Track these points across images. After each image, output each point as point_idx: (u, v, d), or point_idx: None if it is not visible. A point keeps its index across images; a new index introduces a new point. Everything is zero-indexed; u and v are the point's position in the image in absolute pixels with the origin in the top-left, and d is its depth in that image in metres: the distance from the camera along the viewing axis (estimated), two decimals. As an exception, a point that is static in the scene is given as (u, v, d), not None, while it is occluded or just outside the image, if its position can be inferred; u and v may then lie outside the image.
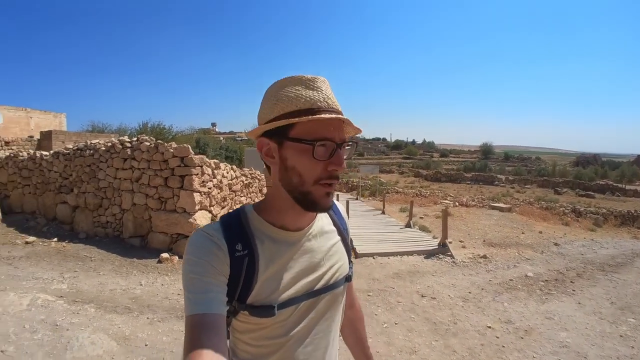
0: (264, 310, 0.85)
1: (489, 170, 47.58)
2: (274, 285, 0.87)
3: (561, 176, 41.25)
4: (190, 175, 6.71)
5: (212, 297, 0.77)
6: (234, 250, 0.84)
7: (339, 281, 0.97)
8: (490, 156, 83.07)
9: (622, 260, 8.33)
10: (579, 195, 27.63)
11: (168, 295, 4.92)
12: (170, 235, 6.81)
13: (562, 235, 11.15)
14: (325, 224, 1.01)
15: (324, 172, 0.83)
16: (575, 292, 5.78)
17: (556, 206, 16.24)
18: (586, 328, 4.44)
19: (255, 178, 10.49)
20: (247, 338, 0.91)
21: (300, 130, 0.82)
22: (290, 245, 0.91)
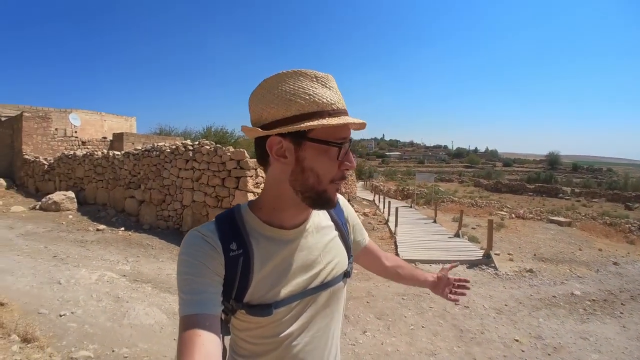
0: (260, 309, 0.86)
1: (555, 182, 45.15)
2: (270, 284, 0.87)
3: (634, 190, 38.23)
4: (245, 177, 7.22)
5: (206, 297, 0.78)
6: (229, 249, 0.84)
7: (337, 277, 0.97)
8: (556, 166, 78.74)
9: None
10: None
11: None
12: (225, 232, 7.37)
13: (624, 255, 10.50)
14: (322, 220, 1.01)
15: (338, 172, 0.85)
16: (622, 315, 5.56)
17: (622, 222, 15.26)
18: (623, 353, 4.29)
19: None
20: (246, 336, 0.92)
21: (320, 131, 0.82)
22: (286, 243, 0.91)
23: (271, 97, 0.83)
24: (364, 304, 5.24)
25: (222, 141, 17.59)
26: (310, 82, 0.83)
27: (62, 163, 11.42)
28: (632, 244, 12.56)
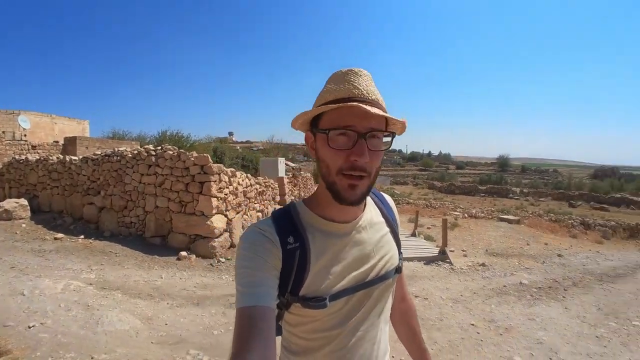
0: (316, 302, 0.87)
1: (505, 183, 47.25)
2: (326, 276, 0.89)
3: (577, 189, 40.80)
4: (209, 182, 7.30)
5: (263, 290, 0.79)
6: (286, 242, 0.87)
7: (389, 272, 0.99)
8: (506, 168, 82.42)
9: (622, 272, 8.51)
10: (593, 208, 27.42)
11: (186, 287, 5.46)
12: (188, 235, 7.39)
13: (567, 247, 11.35)
14: (374, 216, 1.02)
15: (345, 162, 0.83)
16: (565, 298, 6.10)
17: (565, 219, 16.36)
18: (565, 329, 4.79)
19: (268, 186, 11.00)
20: (299, 331, 0.94)
21: (325, 121, 0.85)
22: (341, 237, 0.93)
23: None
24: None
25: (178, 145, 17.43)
26: (332, 79, 0.89)
27: (12, 168, 10.89)
28: (574, 238, 13.52)
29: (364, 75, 0.87)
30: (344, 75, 0.86)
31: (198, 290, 5.37)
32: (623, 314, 5.55)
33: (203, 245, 7.16)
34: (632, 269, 8.89)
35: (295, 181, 16.24)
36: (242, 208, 8.60)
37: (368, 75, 0.88)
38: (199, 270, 6.38)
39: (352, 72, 0.87)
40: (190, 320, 4.31)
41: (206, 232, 7.21)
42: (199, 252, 7.13)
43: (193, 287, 5.46)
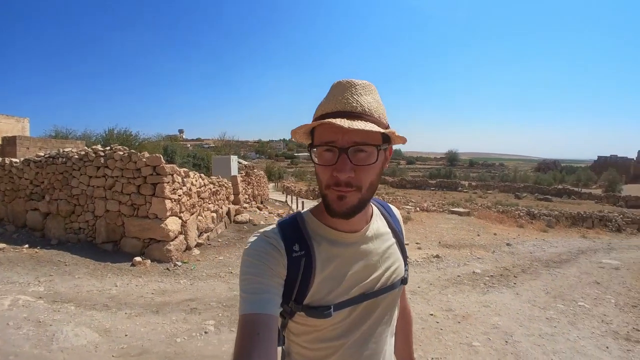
0: (320, 311, 0.86)
1: (454, 177, 49.21)
2: (331, 286, 0.88)
3: (522, 181, 43.25)
4: (162, 183, 7.07)
5: (267, 297, 0.79)
6: (292, 250, 0.86)
7: (395, 283, 0.98)
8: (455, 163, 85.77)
9: (567, 257, 9.18)
10: (537, 199, 29.16)
11: (142, 294, 5.27)
12: (142, 240, 7.14)
13: (515, 237, 11.97)
14: (380, 226, 1.02)
15: (330, 178, 0.83)
16: (516, 284, 6.47)
17: (512, 210, 17.23)
18: (517, 313, 5.10)
19: (222, 186, 10.82)
20: (302, 341, 0.93)
21: (315, 136, 0.86)
22: (347, 246, 0.92)
23: None
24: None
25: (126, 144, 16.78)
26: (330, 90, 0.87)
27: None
28: (521, 228, 14.28)
29: (355, 86, 0.84)
30: (334, 89, 0.86)
31: (156, 297, 5.20)
32: (569, 296, 5.98)
33: (158, 249, 6.94)
34: (575, 255, 9.61)
35: (248, 179, 16.06)
36: (196, 209, 8.41)
37: (360, 85, 0.85)
38: (155, 275, 6.18)
39: (341, 84, 0.85)
40: (151, 329, 4.16)
41: (160, 235, 6.99)
42: (154, 256, 6.90)
43: (151, 294, 5.29)
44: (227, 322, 4.48)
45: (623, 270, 8.02)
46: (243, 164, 19.62)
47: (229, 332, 4.23)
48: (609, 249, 10.98)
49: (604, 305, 5.67)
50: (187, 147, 37.42)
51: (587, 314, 5.23)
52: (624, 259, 9.38)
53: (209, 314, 4.69)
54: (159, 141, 27.72)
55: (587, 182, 48.15)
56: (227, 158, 16.23)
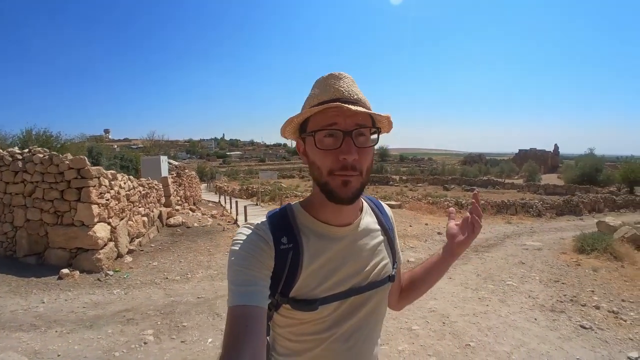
0: (306, 304, 0.87)
1: (385, 172, 50.78)
2: (318, 279, 0.88)
3: (450, 174, 45.67)
4: (87, 187, 6.67)
5: (255, 289, 0.79)
6: (280, 243, 0.86)
7: (382, 280, 0.97)
8: (386, 158, 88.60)
9: (494, 242, 9.87)
10: (464, 190, 30.97)
11: (73, 309, 4.96)
12: (69, 250, 6.69)
13: (445, 226, 12.56)
14: (370, 223, 1.02)
15: (335, 162, 0.83)
16: (448, 269, 6.82)
17: (441, 201, 18.12)
18: (452, 296, 5.44)
19: (152, 188, 10.41)
20: (287, 332, 0.93)
21: (311, 124, 0.86)
22: (336, 241, 0.92)
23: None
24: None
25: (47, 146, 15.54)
26: (314, 85, 0.90)
27: None
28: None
29: (345, 77, 0.88)
30: (326, 80, 0.88)
31: (88, 311, 4.90)
32: (498, 277, 6.45)
33: (87, 259, 6.54)
34: (501, 239, 10.37)
35: (180, 180, 15.59)
36: (126, 213, 8.02)
37: (349, 78, 0.88)
38: (86, 287, 5.81)
39: (333, 75, 0.88)
40: (85, 345, 3.92)
41: (89, 244, 6.59)
42: (83, 267, 6.50)
43: (82, 308, 4.97)
44: (167, 330, 4.35)
45: (545, 250, 8.79)
46: (174, 165, 18.99)
47: (169, 340, 4.11)
48: (532, 232, 11.99)
49: (529, 282, 6.19)
50: (114, 148, 35.53)
51: (515, 291, 5.68)
52: (545, 240, 10.26)
53: (147, 324, 4.52)
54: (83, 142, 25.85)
55: (509, 173, 51.86)
56: (157, 159, 15.73)
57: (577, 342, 4.04)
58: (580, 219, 15.76)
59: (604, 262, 7.22)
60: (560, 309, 4.95)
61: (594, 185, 30.51)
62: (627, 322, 4.54)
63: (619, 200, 20.33)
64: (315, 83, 0.90)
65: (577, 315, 4.74)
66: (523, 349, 3.87)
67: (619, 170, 32.41)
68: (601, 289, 5.77)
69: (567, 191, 28.18)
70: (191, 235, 10.11)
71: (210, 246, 8.98)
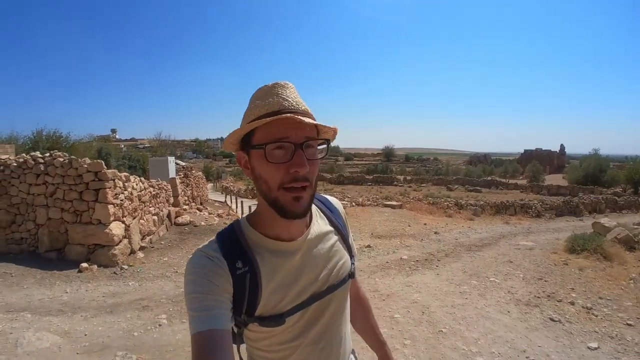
0: (272, 320, 0.88)
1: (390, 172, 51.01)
2: (280, 296, 0.88)
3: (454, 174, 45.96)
4: (104, 189, 7.22)
5: (217, 313, 0.79)
6: (235, 268, 0.85)
7: (342, 280, 1.00)
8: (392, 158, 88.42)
9: (488, 242, 10.16)
10: (467, 191, 31.14)
11: (94, 298, 5.51)
12: (87, 246, 7.25)
13: (443, 226, 12.86)
14: (322, 226, 1.02)
15: (286, 175, 0.81)
16: (437, 267, 7.27)
17: (442, 201, 18.39)
18: (435, 290, 5.88)
19: (162, 189, 10.93)
20: (261, 345, 0.94)
21: (258, 136, 0.82)
22: (290, 255, 0.91)
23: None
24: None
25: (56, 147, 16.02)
26: (258, 95, 0.87)
27: None
28: (449, 217, 15.35)
29: (290, 87, 0.87)
30: (271, 89, 0.86)
31: (108, 299, 5.45)
32: (483, 274, 6.82)
33: (104, 255, 7.10)
34: (496, 239, 10.63)
35: (187, 181, 15.95)
36: (138, 213, 8.57)
37: (293, 87, 0.88)
38: (104, 279, 6.37)
39: (279, 85, 0.87)
40: (108, 327, 4.47)
41: (105, 240, 7.15)
42: (100, 261, 7.06)
43: (102, 297, 5.52)
44: (178, 315, 4.88)
45: (536, 250, 9.04)
46: (181, 165, 19.32)
47: (180, 323, 4.64)
48: (528, 233, 12.20)
49: (512, 279, 6.59)
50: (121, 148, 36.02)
51: (496, 287, 6.11)
52: (539, 240, 10.49)
53: (160, 310, 5.05)
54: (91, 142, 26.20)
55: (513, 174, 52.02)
56: (165, 159, 15.88)
57: (542, 333, 4.48)
58: (580, 220, 15.89)
59: (593, 262, 7.49)
60: (535, 304, 5.36)
61: (598, 186, 30.59)
62: (597, 317, 4.90)
63: (621, 201, 20.40)
64: (258, 93, 0.88)
65: (550, 310, 5.14)
66: (490, 336, 4.33)
67: (624, 171, 32.45)
68: (582, 286, 6.11)
69: (571, 192, 28.40)
70: (198, 233, 10.60)
71: (217, 244, 9.46)
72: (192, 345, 0.77)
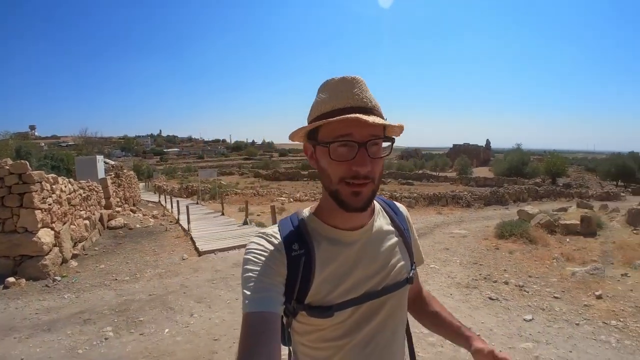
0: (321, 311, 0.86)
1: (320, 167, 51.60)
2: (331, 285, 0.87)
3: (387, 168, 47.39)
4: (30, 193, 6.68)
5: (269, 296, 0.79)
6: (291, 249, 0.86)
7: (399, 282, 0.96)
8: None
9: (424, 231, 10.70)
10: (401, 184, 32.41)
11: (27, 316, 5.07)
12: (13, 258, 6.65)
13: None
14: (383, 224, 1.00)
15: (348, 171, 0.82)
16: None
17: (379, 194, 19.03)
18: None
19: (93, 190, 10.40)
20: (306, 340, 0.92)
21: (324, 133, 0.84)
22: (348, 245, 0.91)
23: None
24: (182, 294, 5.79)
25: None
26: (324, 89, 0.87)
27: None
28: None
29: (359, 82, 0.86)
30: (339, 84, 0.86)
31: (43, 316, 5.05)
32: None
33: (33, 266, 6.55)
34: (431, 229, 11.28)
35: (119, 181, 15.32)
36: (68, 218, 8.06)
37: (363, 82, 0.87)
38: (35, 294, 5.90)
39: (346, 80, 0.86)
40: (47, 347, 4.14)
41: (34, 250, 6.61)
42: (30, 274, 6.51)
43: (35, 314, 5.11)
44: (125, 326, 4.66)
45: (469, 237, 9.67)
46: (110, 164, 18.39)
47: (128, 334, 4.43)
48: (460, 222, 12.98)
49: (451, 265, 7.01)
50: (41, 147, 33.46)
51: (437, 273, 6.48)
52: (471, 228, 11.21)
53: (104, 322, 4.79)
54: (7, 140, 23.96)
55: (443, 167, 54.62)
56: (93, 159, 15.16)
57: (483, 311, 4.86)
58: (506, 209, 17.02)
59: (520, 246, 8.17)
60: (474, 286, 5.78)
61: (521, 177, 33.34)
62: (529, 293, 5.41)
63: (541, 191, 22.20)
64: (326, 86, 0.88)
65: (488, 290, 5.58)
66: (436, 319, 4.60)
67: (543, 164, 35.58)
68: (513, 267, 6.68)
69: (496, 183, 30.37)
70: (134, 236, 10.24)
71: (155, 246, 9.19)
72: (242, 324, 0.77)
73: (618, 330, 4.19)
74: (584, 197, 20.47)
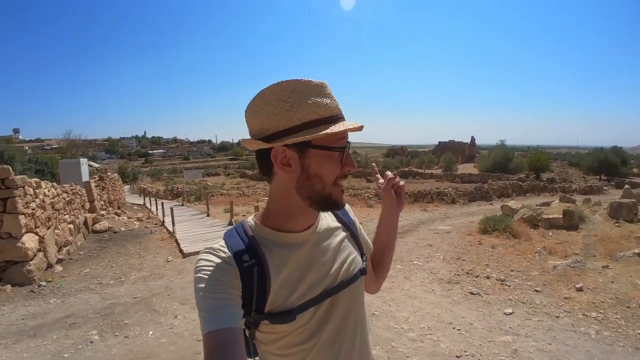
0: (283, 317, 0.85)
1: (310, 166, 51.87)
2: (289, 289, 0.87)
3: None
4: (13, 198, 6.63)
5: (227, 312, 0.78)
6: (242, 261, 0.84)
7: (354, 275, 0.98)
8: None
9: (409, 228, 10.78)
10: (387, 182, 32.57)
11: (12, 322, 5.05)
12: (-4, 264, 6.59)
13: (365, 216, 13.36)
14: (329, 221, 1.03)
15: (341, 173, 0.87)
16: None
17: (362, 192, 19.15)
18: (362, 277, 6.19)
19: (76, 194, 10.31)
20: (274, 348, 0.91)
21: (322, 138, 0.83)
22: (298, 247, 0.92)
23: (270, 109, 0.82)
24: (166, 296, 5.81)
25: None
26: (307, 91, 0.83)
27: None
28: (371, 208, 16.05)
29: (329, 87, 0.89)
30: (322, 89, 0.86)
31: (29, 321, 5.04)
32: (407, 258, 7.27)
33: (17, 272, 6.50)
34: (416, 225, 11.36)
35: (103, 184, 15.24)
36: (52, 222, 8.00)
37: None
38: (21, 300, 5.86)
39: (325, 85, 0.87)
40: (34, 352, 4.15)
41: (18, 256, 6.54)
42: (14, 280, 6.45)
43: (21, 320, 5.09)
44: (110, 329, 4.68)
45: (453, 233, 9.73)
46: (94, 167, 18.27)
47: (113, 337, 4.45)
48: (445, 218, 13.10)
49: (433, 261, 7.11)
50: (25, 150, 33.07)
51: (419, 269, 6.57)
52: (455, 224, 11.29)
53: (89, 326, 4.80)
54: None
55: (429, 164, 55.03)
56: (76, 162, 15.05)
57: (465, 305, 4.96)
58: (490, 204, 17.23)
59: (503, 240, 8.26)
60: (456, 281, 5.88)
61: (505, 173, 33.71)
62: (510, 287, 5.51)
63: (525, 186, 22.52)
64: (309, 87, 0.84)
65: (469, 285, 5.68)
66: (419, 313, 4.71)
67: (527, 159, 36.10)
68: (495, 262, 6.77)
69: (481, 179, 30.77)
70: (119, 240, 10.18)
71: (140, 249, 9.17)
72: (204, 345, 0.75)
73: (598, 322, 4.28)
74: (567, 191, 20.73)
